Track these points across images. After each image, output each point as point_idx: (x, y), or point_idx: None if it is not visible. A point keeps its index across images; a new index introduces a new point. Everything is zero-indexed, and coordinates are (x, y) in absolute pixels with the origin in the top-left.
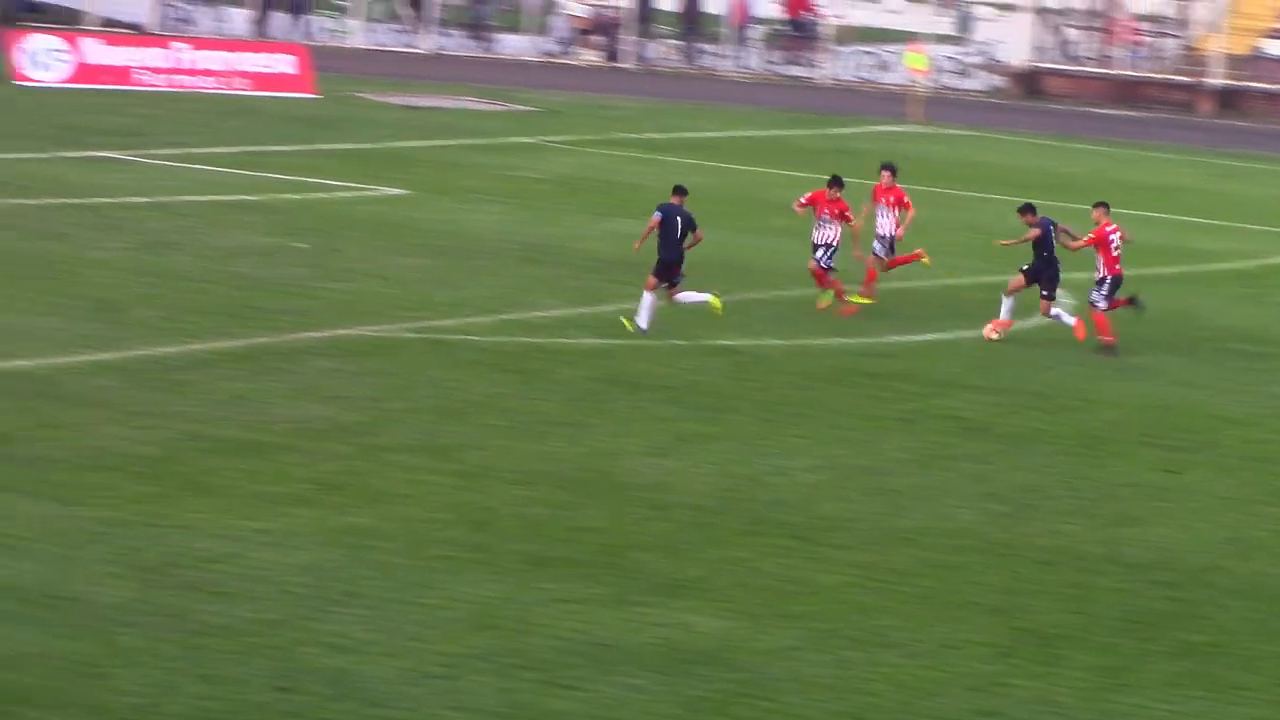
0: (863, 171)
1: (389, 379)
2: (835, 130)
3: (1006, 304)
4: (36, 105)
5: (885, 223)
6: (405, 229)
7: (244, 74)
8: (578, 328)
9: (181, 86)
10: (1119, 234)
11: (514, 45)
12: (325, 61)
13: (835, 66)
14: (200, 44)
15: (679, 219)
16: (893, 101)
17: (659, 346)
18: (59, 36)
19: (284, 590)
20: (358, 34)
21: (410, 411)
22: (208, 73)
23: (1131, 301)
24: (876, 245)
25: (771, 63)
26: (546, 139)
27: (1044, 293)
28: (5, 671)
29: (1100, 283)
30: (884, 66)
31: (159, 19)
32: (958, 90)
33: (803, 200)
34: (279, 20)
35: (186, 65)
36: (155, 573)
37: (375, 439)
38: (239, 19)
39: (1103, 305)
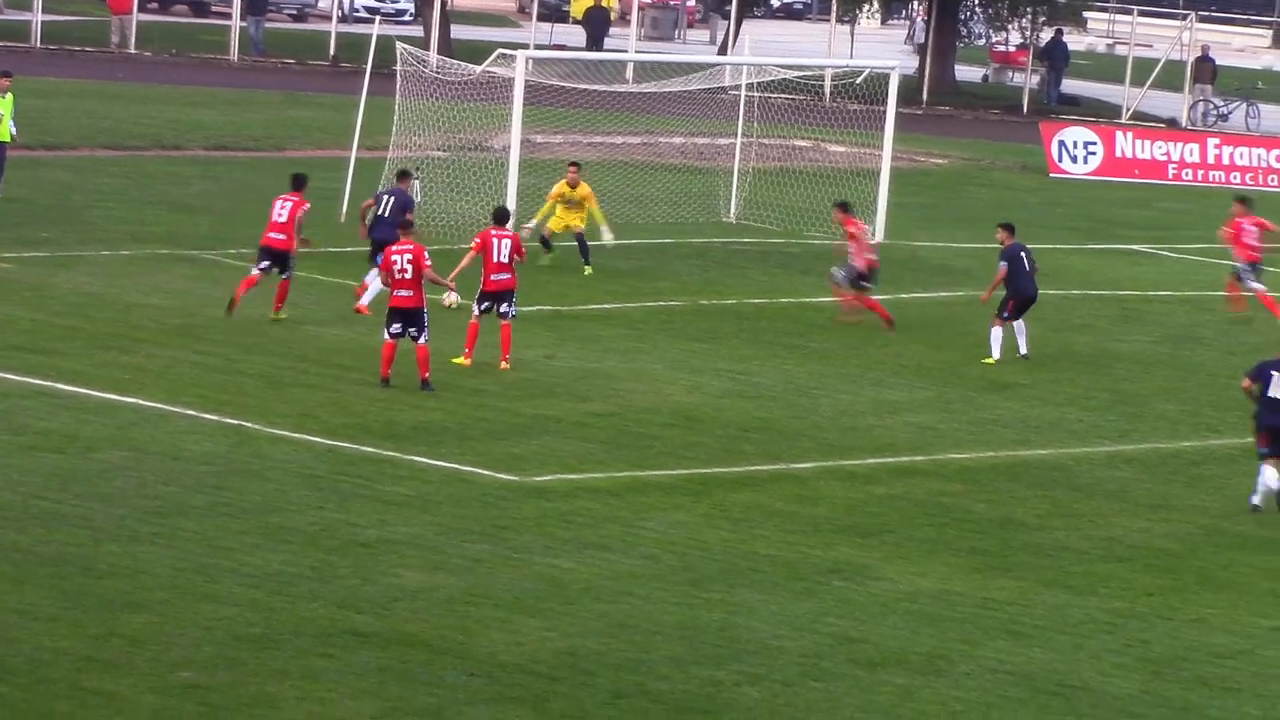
0: None
1: None
2: None
3: None
4: (1068, 197)
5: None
6: None
7: (1276, 170)
8: None
9: (1213, 182)
10: None
11: None
12: None
13: None
14: (1229, 139)
15: None
16: None
17: None
18: (1091, 129)
19: None
20: None
21: None
22: (1238, 168)
23: None
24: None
25: None
26: None
27: None
28: None
29: None
30: None
31: (1197, 115)
32: None
33: None
34: None
35: (1216, 161)
36: (1165, 666)
37: None
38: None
39: None
